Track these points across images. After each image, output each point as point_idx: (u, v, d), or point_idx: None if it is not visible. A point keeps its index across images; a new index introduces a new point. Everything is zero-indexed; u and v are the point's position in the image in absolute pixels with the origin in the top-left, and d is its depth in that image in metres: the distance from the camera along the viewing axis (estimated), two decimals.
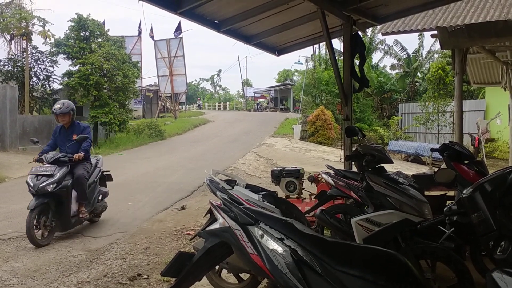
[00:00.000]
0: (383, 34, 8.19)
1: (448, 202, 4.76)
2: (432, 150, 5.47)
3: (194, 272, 2.57)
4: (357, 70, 5.98)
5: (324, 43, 26.74)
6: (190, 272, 2.51)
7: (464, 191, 2.94)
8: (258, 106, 49.39)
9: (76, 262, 5.43)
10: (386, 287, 1.82)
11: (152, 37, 33.60)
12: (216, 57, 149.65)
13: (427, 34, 22.85)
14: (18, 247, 6.08)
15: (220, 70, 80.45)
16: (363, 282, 1.85)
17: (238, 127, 26.11)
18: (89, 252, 5.86)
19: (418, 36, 29.55)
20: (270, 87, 52.23)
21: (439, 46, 22.05)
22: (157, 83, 34.91)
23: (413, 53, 30.81)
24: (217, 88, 75.56)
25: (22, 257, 5.64)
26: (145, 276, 4.93)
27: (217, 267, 3.93)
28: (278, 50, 7.47)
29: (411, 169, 12.17)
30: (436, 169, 5.50)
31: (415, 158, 17.36)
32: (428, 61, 30.26)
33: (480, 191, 2.81)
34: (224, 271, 4.02)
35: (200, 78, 74.03)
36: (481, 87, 18.96)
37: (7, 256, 5.70)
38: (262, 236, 2.13)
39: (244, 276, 3.96)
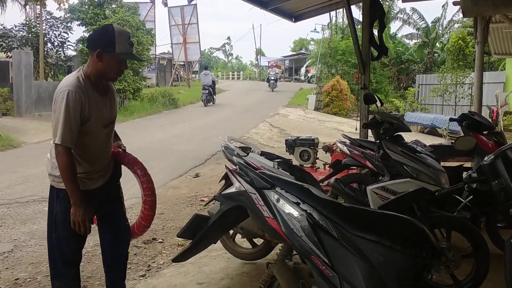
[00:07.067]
0: (403, 1, 7.95)
1: (464, 173, 4.71)
2: (451, 120, 5.38)
3: (210, 235, 2.59)
4: (375, 38, 5.85)
5: (341, 11, 25.82)
6: (206, 235, 2.54)
7: (486, 158, 2.90)
8: (270, 81, 29.84)
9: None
10: (402, 252, 1.81)
11: (166, 4, 33.15)
12: (230, 26, 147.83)
13: (449, 3, 22.24)
14: (35, 210, 6.21)
15: (228, 38, 79.01)
16: (379, 247, 1.83)
17: (251, 97, 25.99)
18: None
19: (442, 5, 28.69)
20: (284, 57, 51.56)
21: (461, 16, 21.41)
22: (171, 51, 34.63)
23: (432, 22, 29.99)
24: (230, 57, 74.76)
25: (40, 219, 5.76)
26: (160, 240, 5.02)
27: (231, 232, 3.97)
28: (295, 16, 7.31)
29: (427, 141, 11.97)
30: (453, 141, 5.43)
31: (431, 130, 17.15)
32: (448, 31, 29.48)
33: (502, 158, 2.77)
34: (238, 236, 4.06)
35: (211, 47, 72.62)
36: (502, 58, 18.51)
37: (25, 218, 5.85)
38: (278, 200, 2.11)
39: (258, 241, 4.00)
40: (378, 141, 3.86)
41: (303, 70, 41.96)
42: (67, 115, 2.55)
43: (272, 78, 29.86)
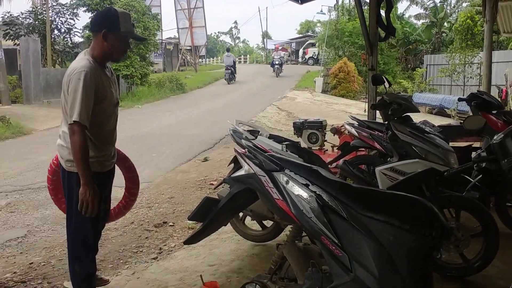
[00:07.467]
0: None
1: (473, 153, 4.70)
2: (460, 99, 5.34)
3: (220, 217, 2.63)
4: (383, 18, 5.78)
5: None
6: (216, 217, 2.57)
7: (495, 137, 2.89)
8: (275, 66, 27.70)
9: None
10: (412, 232, 1.82)
11: None
12: (236, 9, 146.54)
13: None
14: (47, 196, 6.23)
15: (235, 22, 79.36)
16: (388, 227, 1.84)
17: (258, 81, 25.88)
18: (116, 201, 6.01)
19: None
20: (291, 39, 51.07)
21: None
22: (177, 36, 34.46)
23: (440, 1, 29.51)
24: (237, 41, 74.38)
25: (52, 205, 5.80)
26: (171, 224, 5.08)
27: (241, 214, 4.01)
28: None
29: (436, 121, 11.90)
30: (461, 121, 5.40)
31: (439, 111, 17.03)
32: (456, 10, 29.00)
33: (511, 137, 2.76)
34: (248, 218, 4.10)
35: (218, 32, 72.49)
36: (511, 37, 18.22)
37: (37, 204, 5.93)
38: (287, 182, 2.13)
39: (268, 223, 4.03)
40: (386, 122, 3.85)
41: (301, 52, 41.89)
42: (85, 95, 2.61)
43: (277, 62, 27.57)
